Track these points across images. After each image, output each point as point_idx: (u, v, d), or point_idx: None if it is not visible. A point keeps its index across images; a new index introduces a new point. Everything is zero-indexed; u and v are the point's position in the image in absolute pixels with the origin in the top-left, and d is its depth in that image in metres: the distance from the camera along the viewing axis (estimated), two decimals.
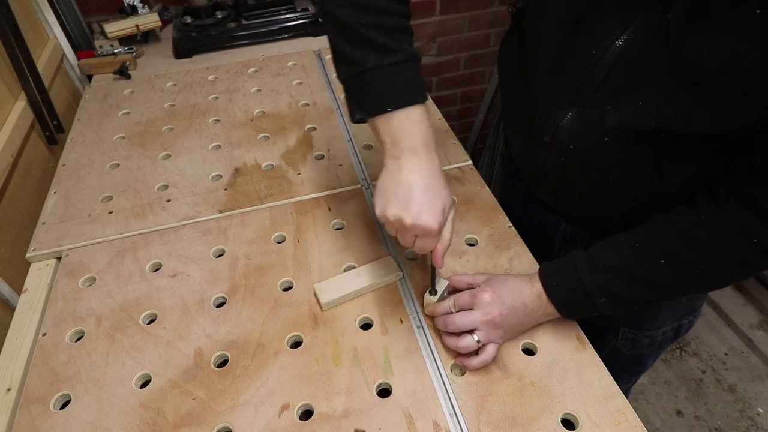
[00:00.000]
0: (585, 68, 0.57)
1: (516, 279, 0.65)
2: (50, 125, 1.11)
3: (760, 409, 1.56)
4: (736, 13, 0.44)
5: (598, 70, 0.56)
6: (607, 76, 0.56)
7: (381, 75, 0.57)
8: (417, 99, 0.57)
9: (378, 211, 0.58)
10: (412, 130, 0.56)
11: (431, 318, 0.68)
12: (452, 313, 0.64)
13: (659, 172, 0.59)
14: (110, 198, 0.88)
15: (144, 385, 0.63)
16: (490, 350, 0.61)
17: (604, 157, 0.60)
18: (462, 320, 0.62)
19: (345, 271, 0.75)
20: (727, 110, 0.49)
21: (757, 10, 0.42)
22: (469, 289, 0.66)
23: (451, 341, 0.63)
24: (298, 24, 1.33)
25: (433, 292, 0.67)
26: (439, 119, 1.03)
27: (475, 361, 0.61)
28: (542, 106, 0.65)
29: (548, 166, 0.69)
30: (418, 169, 0.57)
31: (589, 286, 0.60)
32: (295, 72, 1.19)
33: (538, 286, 0.63)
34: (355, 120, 0.59)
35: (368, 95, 0.58)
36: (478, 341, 0.61)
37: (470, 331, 0.62)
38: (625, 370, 0.90)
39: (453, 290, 0.69)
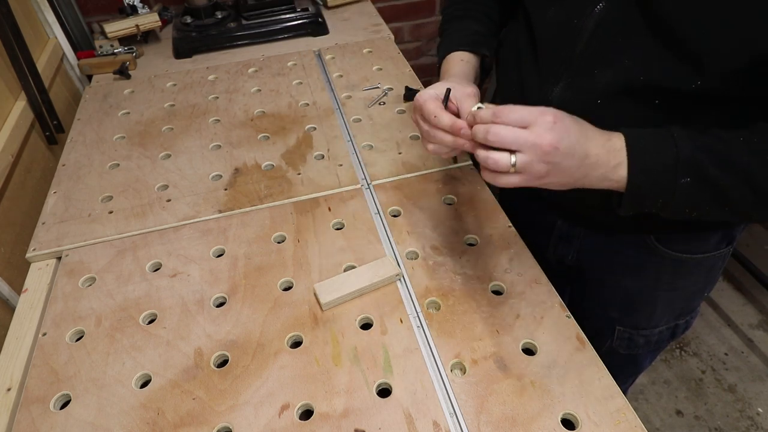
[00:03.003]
0: (568, 39, 0.59)
1: (588, 123, 0.54)
2: (50, 125, 1.11)
3: (760, 409, 1.56)
4: None
5: (580, 38, 0.58)
6: (589, 42, 0.57)
7: (451, 29, 0.79)
8: (465, 46, 0.74)
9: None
10: (455, 65, 0.72)
11: (471, 146, 0.55)
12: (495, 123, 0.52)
13: None
14: (110, 198, 0.88)
15: (144, 385, 0.63)
16: (518, 178, 0.51)
17: (598, 122, 0.55)
18: (508, 134, 0.49)
19: (345, 271, 0.75)
20: (708, 64, 0.50)
21: None
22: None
23: (482, 152, 0.52)
24: (298, 24, 1.33)
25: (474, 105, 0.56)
26: None
27: (502, 179, 0.52)
28: (533, 83, 0.66)
29: None
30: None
31: (683, 155, 0.51)
32: (295, 72, 1.19)
33: (616, 141, 0.53)
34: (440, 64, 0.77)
35: (440, 47, 0.79)
36: (514, 164, 0.50)
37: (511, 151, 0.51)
38: (622, 370, 0.90)
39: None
